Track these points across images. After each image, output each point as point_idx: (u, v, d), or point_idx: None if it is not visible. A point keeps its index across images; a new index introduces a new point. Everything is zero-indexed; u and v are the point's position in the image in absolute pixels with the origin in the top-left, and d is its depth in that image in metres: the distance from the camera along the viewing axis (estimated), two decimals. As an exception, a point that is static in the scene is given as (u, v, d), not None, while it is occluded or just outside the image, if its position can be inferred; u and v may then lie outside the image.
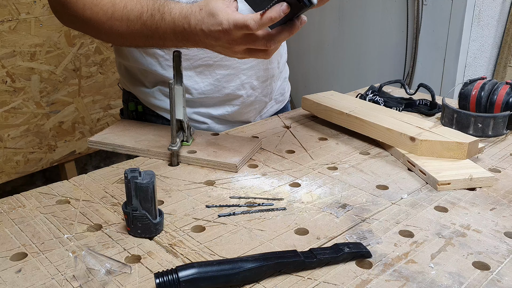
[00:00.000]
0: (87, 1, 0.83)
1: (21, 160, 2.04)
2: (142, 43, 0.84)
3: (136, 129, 0.99)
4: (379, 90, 1.19)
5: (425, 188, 0.78)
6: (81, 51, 2.14)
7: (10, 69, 1.92)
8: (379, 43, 2.56)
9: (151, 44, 0.84)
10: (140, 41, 0.84)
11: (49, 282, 0.55)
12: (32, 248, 0.61)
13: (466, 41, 2.25)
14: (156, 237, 0.64)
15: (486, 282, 0.55)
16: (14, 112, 1.97)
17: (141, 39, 0.83)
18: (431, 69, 2.38)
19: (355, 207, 0.72)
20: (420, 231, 0.65)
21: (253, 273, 0.54)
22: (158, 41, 0.81)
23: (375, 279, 0.55)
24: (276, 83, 1.14)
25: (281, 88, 1.18)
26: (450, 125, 1.00)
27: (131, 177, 0.61)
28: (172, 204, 0.73)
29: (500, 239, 0.63)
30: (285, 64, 1.19)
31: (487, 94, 1.01)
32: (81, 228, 0.66)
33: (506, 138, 0.99)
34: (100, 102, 2.27)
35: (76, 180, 0.80)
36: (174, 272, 0.52)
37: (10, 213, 0.69)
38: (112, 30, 0.84)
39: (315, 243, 0.62)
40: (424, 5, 2.31)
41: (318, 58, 2.93)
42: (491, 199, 0.74)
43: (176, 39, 0.79)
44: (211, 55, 0.98)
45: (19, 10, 1.90)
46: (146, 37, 0.81)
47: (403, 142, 0.88)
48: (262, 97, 1.10)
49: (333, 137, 1.00)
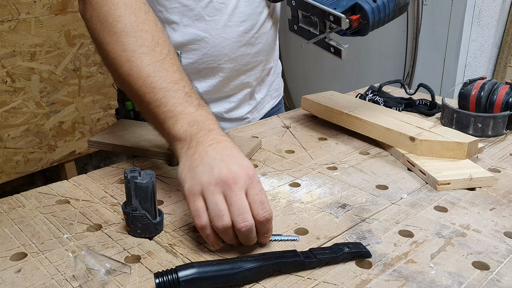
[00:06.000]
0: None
1: (21, 160, 2.04)
2: (129, 94, 0.75)
3: (136, 129, 0.99)
4: (379, 90, 1.19)
5: (424, 188, 0.78)
6: (81, 51, 2.14)
7: (10, 69, 1.92)
8: (379, 43, 2.56)
9: (135, 101, 0.75)
10: (128, 93, 0.74)
11: (49, 282, 0.55)
12: (32, 248, 0.61)
13: (466, 41, 2.24)
14: (156, 237, 0.64)
15: (485, 282, 0.55)
16: (14, 112, 1.97)
17: (132, 95, 0.73)
18: (431, 69, 2.38)
19: (355, 207, 0.72)
20: (420, 231, 0.65)
21: (252, 273, 0.54)
22: (142, 110, 0.73)
23: (375, 279, 0.55)
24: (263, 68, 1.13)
25: (275, 84, 1.19)
26: (450, 125, 1.00)
27: (131, 177, 0.61)
28: (172, 204, 0.73)
29: (500, 239, 0.63)
30: (277, 60, 1.20)
31: (487, 94, 1.01)
32: (81, 228, 0.66)
33: (506, 138, 0.99)
34: (100, 102, 2.27)
35: (76, 180, 0.80)
36: (173, 272, 0.52)
37: (10, 213, 0.69)
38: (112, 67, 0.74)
39: (314, 243, 0.62)
40: (424, 5, 2.31)
41: (318, 58, 2.93)
42: (491, 199, 0.74)
43: (157, 128, 0.71)
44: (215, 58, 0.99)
45: (19, 10, 1.90)
46: (137, 101, 0.72)
47: (403, 142, 0.88)
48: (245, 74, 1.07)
49: (333, 137, 1.00)
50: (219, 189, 0.58)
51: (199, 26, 0.95)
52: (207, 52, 0.97)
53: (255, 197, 0.58)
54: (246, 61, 1.02)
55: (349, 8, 0.79)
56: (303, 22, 0.86)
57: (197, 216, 0.58)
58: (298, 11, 0.85)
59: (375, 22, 0.79)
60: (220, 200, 0.58)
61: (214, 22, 0.95)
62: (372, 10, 0.78)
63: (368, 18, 0.78)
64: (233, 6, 0.95)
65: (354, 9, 0.79)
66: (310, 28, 0.85)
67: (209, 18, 0.94)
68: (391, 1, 0.79)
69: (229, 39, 0.97)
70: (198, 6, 0.93)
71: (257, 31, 1.00)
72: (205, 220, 0.58)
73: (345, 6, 0.78)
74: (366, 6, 0.78)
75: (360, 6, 0.78)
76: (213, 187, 0.58)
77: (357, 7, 0.79)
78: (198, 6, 0.93)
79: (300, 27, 0.87)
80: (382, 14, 0.79)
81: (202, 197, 0.59)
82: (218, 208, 0.57)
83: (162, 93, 0.67)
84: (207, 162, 0.60)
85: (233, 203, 0.57)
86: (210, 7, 0.94)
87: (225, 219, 0.57)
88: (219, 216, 0.57)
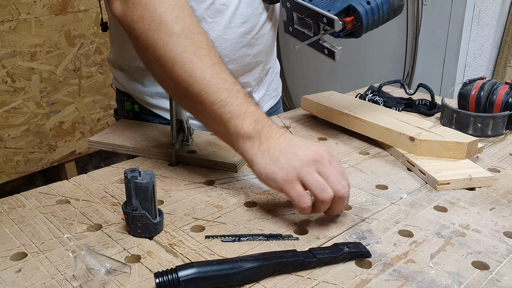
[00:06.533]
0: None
1: (21, 160, 2.04)
2: (178, 100, 0.78)
3: (136, 129, 0.99)
4: (379, 90, 1.19)
5: (424, 188, 0.78)
6: (81, 51, 2.14)
7: (10, 69, 1.92)
8: (379, 43, 2.56)
9: (183, 105, 0.78)
10: (183, 93, 0.74)
11: (49, 282, 0.55)
12: (32, 248, 0.61)
13: (466, 41, 2.25)
14: (156, 237, 0.64)
15: (485, 282, 0.55)
16: (14, 112, 1.98)
17: (188, 96, 0.73)
18: (431, 69, 2.38)
19: (355, 206, 0.72)
20: (420, 231, 0.65)
21: (252, 273, 0.54)
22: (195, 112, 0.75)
23: (375, 278, 0.56)
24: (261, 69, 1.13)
25: (274, 83, 1.19)
26: (449, 125, 1.00)
27: (131, 177, 0.61)
28: (172, 204, 0.73)
29: (500, 238, 0.64)
30: (276, 60, 1.20)
31: (486, 94, 1.01)
32: (81, 228, 0.66)
33: (506, 138, 0.99)
34: (100, 102, 2.27)
35: (76, 180, 0.80)
36: (174, 272, 0.52)
37: (10, 213, 0.70)
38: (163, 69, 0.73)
39: (314, 243, 0.63)
40: (424, 5, 2.31)
41: (318, 58, 2.93)
42: (491, 199, 0.74)
43: (214, 129, 0.73)
44: None
45: (19, 10, 1.90)
46: (195, 101, 0.72)
47: (402, 142, 0.88)
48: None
49: (333, 137, 1.00)
50: (313, 168, 0.64)
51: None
52: None
53: (337, 169, 0.66)
54: (246, 62, 1.03)
55: (343, 10, 0.79)
56: (298, 24, 0.87)
57: (302, 200, 0.64)
58: (293, 13, 0.85)
59: (369, 24, 0.80)
60: (319, 177, 0.64)
61: (215, 23, 0.95)
62: (366, 12, 0.78)
63: (362, 20, 0.78)
64: (234, 7, 0.95)
65: (348, 11, 0.79)
66: (305, 30, 0.85)
67: (211, 20, 0.94)
68: (385, 3, 0.80)
69: (229, 40, 0.97)
70: (200, 7, 0.93)
71: (257, 32, 1.01)
72: (309, 201, 0.65)
73: (339, 8, 0.79)
74: (360, 8, 0.78)
75: (354, 8, 0.78)
76: (308, 168, 0.64)
77: (351, 9, 0.79)
78: (200, 8, 0.93)
79: (295, 29, 0.87)
80: (376, 16, 0.80)
81: (299, 182, 0.65)
82: (321, 183, 0.64)
83: (226, 94, 0.70)
84: (288, 151, 0.66)
85: (329, 176, 0.64)
86: (212, 8, 0.94)
87: (329, 190, 0.63)
88: (324, 189, 0.63)
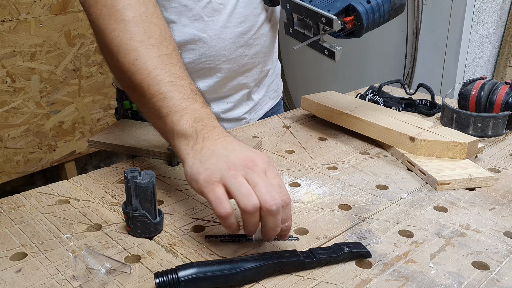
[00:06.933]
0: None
1: (21, 160, 2.04)
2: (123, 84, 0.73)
3: (136, 129, 0.99)
4: (379, 90, 1.19)
5: (424, 188, 0.78)
6: (81, 51, 2.14)
7: (10, 69, 1.92)
8: (379, 43, 2.56)
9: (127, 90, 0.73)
10: (127, 83, 0.70)
11: (49, 282, 0.55)
12: (32, 248, 0.61)
13: (466, 41, 2.25)
14: (156, 237, 0.64)
15: (485, 282, 0.55)
16: (14, 112, 1.98)
17: (132, 86, 0.69)
18: (431, 69, 2.38)
19: (355, 207, 0.72)
20: (420, 231, 0.65)
21: (252, 273, 0.54)
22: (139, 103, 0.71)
23: (375, 279, 0.55)
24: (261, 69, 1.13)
25: (274, 84, 1.19)
26: (449, 125, 1.00)
27: (131, 177, 0.61)
28: (172, 204, 0.73)
29: (500, 239, 0.63)
30: (276, 61, 1.20)
31: (486, 94, 1.01)
32: (81, 228, 0.66)
33: (506, 138, 0.99)
34: (100, 102, 2.27)
35: (76, 180, 0.80)
36: (174, 272, 0.52)
37: (10, 213, 0.70)
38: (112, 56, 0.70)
39: (314, 243, 0.63)
40: (424, 5, 2.31)
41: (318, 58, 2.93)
42: (491, 199, 0.74)
43: (156, 124, 0.69)
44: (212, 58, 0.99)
45: (19, 10, 1.90)
46: (137, 92, 0.69)
47: (402, 142, 0.88)
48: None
49: (333, 137, 1.00)
50: (241, 173, 0.56)
51: (197, 26, 0.95)
52: (205, 52, 0.97)
53: (273, 181, 0.56)
54: (243, 62, 1.02)
55: (343, 9, 0.78)
56: (298, 25, 0.86)
57: (219, 204, 0.55)
58: (293, 14, 0.85)
59: (370, 23, 0.78)
60: (244, 182, 0.55)
61: (212, 22, 0.95)
62: (366, 11, 0.77)
63: (362, 20, 0.77)
64: (231, 7, 0.95)
65: (348, 10, 0.78)
66: (305, 30, 0.85)
67: (208, 19, 0.94)
68: (385, 2, 0.78)
69: (227, 40, 0.97)
70: (197, 6, 0.93)
71: (255, 33, 1.01)
72: (229, 207, 0.55)
73: (339, 7, 0.78)
74: (359, 8, 0.77)
75: (354, 8, 0.77)
76: (234, 171, 0.56)
77: (351, 9, 0.78)
78: (197, 6, 0.93)
79: (295, 30, 0.87)
80: (377, 15, 0.78)
81: (222, 185, 0.56)
82: (246, 188, 0.54)
83: (168, 87, 0.65)
84: (220, 153, 0.59)
85: (258, 184, 0.55)
86: (209, 7, 0.94)
87: (253, 198, 0.54)
88: (248, 196, 0.54)
